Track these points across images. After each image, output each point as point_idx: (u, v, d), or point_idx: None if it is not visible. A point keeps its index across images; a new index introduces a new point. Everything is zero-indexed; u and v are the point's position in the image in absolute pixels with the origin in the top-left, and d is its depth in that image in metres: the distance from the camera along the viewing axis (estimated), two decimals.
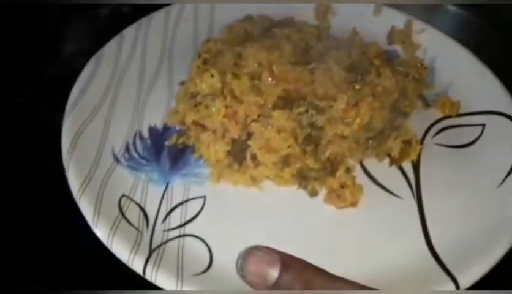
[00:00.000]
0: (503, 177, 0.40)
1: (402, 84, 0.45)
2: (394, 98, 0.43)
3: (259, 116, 0.39)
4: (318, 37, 0.47)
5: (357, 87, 0.40)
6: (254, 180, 0.39)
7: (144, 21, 0.53)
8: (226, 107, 0.39)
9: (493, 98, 0.46)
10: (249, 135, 0.39)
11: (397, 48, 0.53)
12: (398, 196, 0.40)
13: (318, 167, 0.39)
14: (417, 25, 0.53)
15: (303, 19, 0.53)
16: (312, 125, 0.39)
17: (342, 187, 0.38)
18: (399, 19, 0.54)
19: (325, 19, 0.56)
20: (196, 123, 0.41)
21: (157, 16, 0.53)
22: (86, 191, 0.38)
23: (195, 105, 0.42)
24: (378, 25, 0.54)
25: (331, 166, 0.39)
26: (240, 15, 0.53)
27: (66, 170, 0.39)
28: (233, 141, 0.40)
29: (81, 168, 0.39)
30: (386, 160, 0.43)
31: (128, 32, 0.51)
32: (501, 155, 0.42)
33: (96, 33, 0.60)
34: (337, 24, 0.55)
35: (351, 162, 0.41)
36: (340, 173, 0.39)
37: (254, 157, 0.39)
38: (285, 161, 0.39)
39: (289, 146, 0.38)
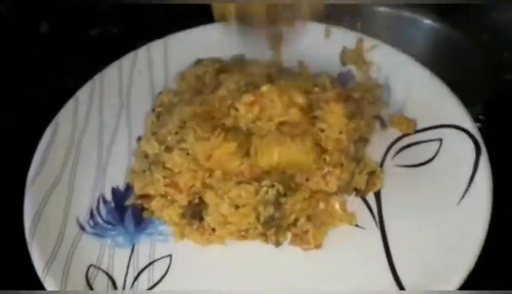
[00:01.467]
0: (462, 192, 0.40)
1: (360, 113, 0.45)
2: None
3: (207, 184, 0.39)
4: (268, 78, 0.47)
5: (327, 159, 0.40)
6: (215, 239, 0.40)
7: (97, 78, 0.53)
8: (165, 177, 0.40)
9: (448, 111, 0.46)
10: (201, 200, 0.40)
11: (351, 68, 0.54)
12: (361, 227, 0.41)
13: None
14: (369, 42, 0.54)
15: (255, 56, 0.54)
16: (276, 202, 0.38)
17: (305, 232, 0.39)
18: (349, 39, 0.55)
19: (279, 49, 0.57)
20: (142, 196, 0.41)
21: (110, 72, 0.54)
22: (51, 270, 0.38)
23: (144, 171, 0.42)
24: (330, 47, 0.55)
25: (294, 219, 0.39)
26: (193, 58, 0.54)
27: (29, 249, 0.39)
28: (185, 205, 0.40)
29: (45, 246, 0.40)
30: None
31: (83, 93, 0.51)
32: (459, 170, 0.42)
33: (85, 56, 0.61)
34: (288, 54, 0.55)
35: None
36: (301, 221, 0.39)
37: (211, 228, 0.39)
38: (245, 231, 0.39)
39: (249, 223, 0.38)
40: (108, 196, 0.45)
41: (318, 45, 0.55)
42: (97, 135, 0.49)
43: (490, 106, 0.53)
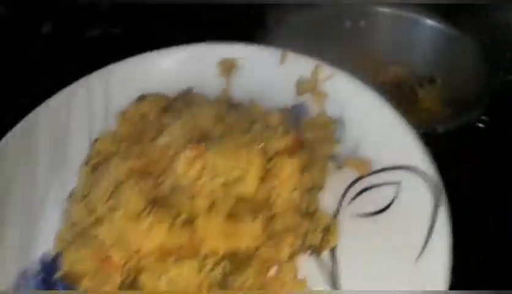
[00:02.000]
0: (420, 250, 0.38)
1: (313, 158, 0.42)
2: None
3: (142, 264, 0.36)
4: (216, 119, 0.43)
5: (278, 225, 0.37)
6: None
7: (27, 121, 0.48)
8: (95, 253, 0.36)
9: (406, 152, 0.43)
10: (137, 275, 0.36)
11: (307, 98, 0.50)
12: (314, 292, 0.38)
13: None
14: (326, 70, 0.50)
15: (204, 89, 0.50)
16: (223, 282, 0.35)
17: None
18: (306, 66, 0.51)
19: (230, 75, 0.53)
20: (69, 274, 0.37)
21: (43, 112, 0.49)
22: None
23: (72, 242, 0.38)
24: (286, 75, 0.51)
25: None
26: (136, 94, 0.50)
27: None
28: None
29: None
30: None
31: (12, 138, 0.46)
32: (417, 222, 0.39)
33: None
34: (242, 83, 0.52)
35: None
36: None
37: None
38: None
39: None
40: (34, 268, 0.40)
41: (273, 72, 0.51)
42: (26, 192, 0.44)
43: (493, 108, 0.53)
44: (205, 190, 0.37)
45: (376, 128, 0.46)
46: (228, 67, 0.53)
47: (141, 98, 0.49)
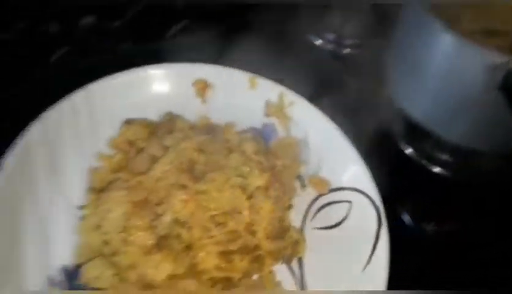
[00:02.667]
0: (365, 263, 0.49)
1: (283, 182, 0.51)
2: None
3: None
4: (200, 149, 0.50)
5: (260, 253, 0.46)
6: None
7: (21, 146, 0.51)
8: (115, 274, 0.44)
9: (356, 176, 0.53)
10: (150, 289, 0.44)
11: (274, 120, 0.58)
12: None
13: None
14: (290, 97, 0.58)
15: (184, 111, 0.56)
16: None
17: None
18: (273, 92, 0.58)
19: (204, 96, 0.59)
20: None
21: (34, 134, 0.52)
22: None
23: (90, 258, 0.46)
24: (254, 98, 0.58)
25: None
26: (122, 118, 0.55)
27: None
28: None
29: None
30: None
31: (7, 168, 0.49)
32: (364, 239, 0.50)
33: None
34: (216, 104, 0.58)
35: None
36: None
37: None
38: None
39: None
40: (57, 277, 0.47)
41: (244, 94, 0.58)
42: (34, 210, 0.50)
43: None
44: (198, 223, 0.46)
45: (333, 152, 0.55)
46: (202, 87, 0.59)
47: (127, 122, 0.54)
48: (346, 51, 0.73)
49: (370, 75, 0.63)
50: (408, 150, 0.62)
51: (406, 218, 0.57)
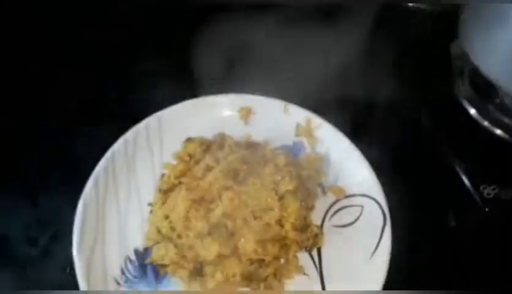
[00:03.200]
0: (371, 252, 0.62)
1: (307, 187, 0.65)
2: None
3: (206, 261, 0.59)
4: (243, 161, 0.65)
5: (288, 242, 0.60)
6: (213, 291, 0.60)
7: (109, 154, 0.68)
8: (177, 253, 0.59)
9: (368, 185, 0.66)
10: (202, 264, 0.59)
11: (303, 139, 0.72)
12: (307, 275, 0.62)
13: None
14: (316, 121, 0.72)
15: (230, 131, 0.71)
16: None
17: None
18: (302, 116, 0.72)
19: (247, 119, 0.74)
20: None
21: (118, 147, 0.69)
22: None
23: (158, 242, 0.61)
24: (287, 121, 0.73)
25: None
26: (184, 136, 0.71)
27: None
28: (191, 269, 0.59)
29: None
30: None
31: (98, 172, 0.67)
32: (371, 235, 0.63)
33: None
34: (256, 125, 0.73)
35: None
36: (269, 279, 0.60)
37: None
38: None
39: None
40: (132, 256, 0.63)
41: (279, 118, 0.73)
42: (115, 205, 0.67)
43: None
44: (240, 216, 0.60)
45: (350, 167, 0.68)
46: (246, 113, 0.74)
47: (188, 140, 0.70)
48: None
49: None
50: (472, 111, 0.63)
51: (466, 179, 0.61)
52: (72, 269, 0.60)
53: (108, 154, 0.69)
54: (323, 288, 0.61)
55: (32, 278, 0.64)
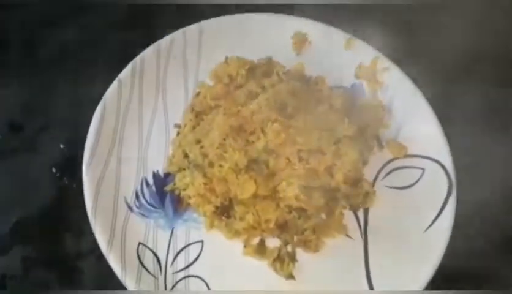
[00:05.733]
0: (429, 224, 0.53)
1: (364, 136, 0.55)
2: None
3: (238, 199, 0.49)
4: (293, 93, 0.54)
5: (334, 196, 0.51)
6: (239, 234, 0.51)
7: (137, 60, 0.58)
8: (205, 184, 0.49)
9: (435, 147, 0.56)
10: (231, 202, 0.50)
11: (363, 82, 0.61)
12: (350, 237, 0.53)
13: None
14: (383, 62, 0.60)
15: (279, 59, 0.60)
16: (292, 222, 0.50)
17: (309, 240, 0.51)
18: (367, 55, 0.61)
19: (302, 49, 0.63)
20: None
21: (149, 54, 0.59)
22: (112, 249, 0.49)
23: (184, 169, 0.51)
24: (348, 59, 0.61)
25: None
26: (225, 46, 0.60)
27: (94, 230, 0.50)
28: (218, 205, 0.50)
29: (105, 226, 0.50)
30: None
31: (125, 75, 0.57)
32: (431, 203, 0.53)
33: None
34: (310, 57, 0.62)
35: None
36: (307, 232, 0.50)
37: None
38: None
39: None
40: (150, 180, 0.54)
41: (338, 53, 0.62)
42: (138, 118, 0.57)
43: None
44: (285, 154, 0.50)
45: (415, 121, 0.58)
46: (300, 41, 0.63)
47: (228, 58, 0.59)
48: None
49: None
50: None
51: None
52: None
53: (137, 59, 0.59)
54: (366, 255, 0.52)
55: None
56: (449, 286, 0.51)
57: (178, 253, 0.51)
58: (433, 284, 0.50)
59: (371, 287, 0.51)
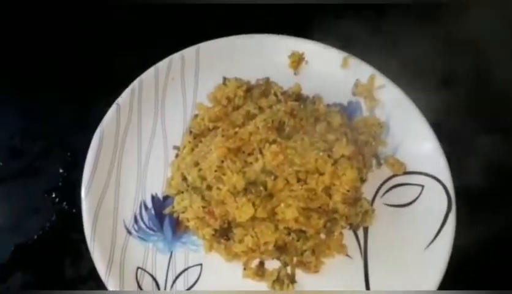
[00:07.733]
0: (429, 241, 0.52)
1: (362, 156, 0.55)
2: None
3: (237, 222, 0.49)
4: (291, 113, 0.55)
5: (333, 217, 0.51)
6: (238, 257, 0.51)
7: (136, 83, 0.59)
8: (203, 207, 0.49)
9: (433, 164, 0.56)
10: (229, 225, 0.50)
11: (360, 100, 0.61)
12: (350, 257, 0.53)
13: None
14: (380, 80, 0.61)
15: (276, 79, 0.60)
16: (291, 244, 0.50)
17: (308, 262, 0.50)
18: (363, 72, 0.61)
19: (299, 69, 0.63)
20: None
21: (147, 77, 0.59)
22: (111, 274, 0.49)
23: (182, 192, 0.52)
24: (345, 77, 0.62)
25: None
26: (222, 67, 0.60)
27: (92, 255, 0.50)
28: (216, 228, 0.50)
29: (104, 251, 0.50)
30: None
31: (123, 98, 0.58)
32: (431, 220, 0.53)
33: None
34: (307, 76, 0.62)
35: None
36: (307, 253, 0.50)
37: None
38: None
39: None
40: (149, 203, 0.54)
41: (335, 72, 0.62)
42: (136, 141, 0.57)
43: None
44: (283, 175, 0.50)
45: (413, 137, 0.58)
46: (297, 60, 0.63)
47: (226, 80, 0.59)
48: None
49: None
50: None
51: None
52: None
53: (135, 82, 0.59)
54: (366, 275, 0.52)
55: None
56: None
57: (177, 277, 0.51)
58: None
59: None
